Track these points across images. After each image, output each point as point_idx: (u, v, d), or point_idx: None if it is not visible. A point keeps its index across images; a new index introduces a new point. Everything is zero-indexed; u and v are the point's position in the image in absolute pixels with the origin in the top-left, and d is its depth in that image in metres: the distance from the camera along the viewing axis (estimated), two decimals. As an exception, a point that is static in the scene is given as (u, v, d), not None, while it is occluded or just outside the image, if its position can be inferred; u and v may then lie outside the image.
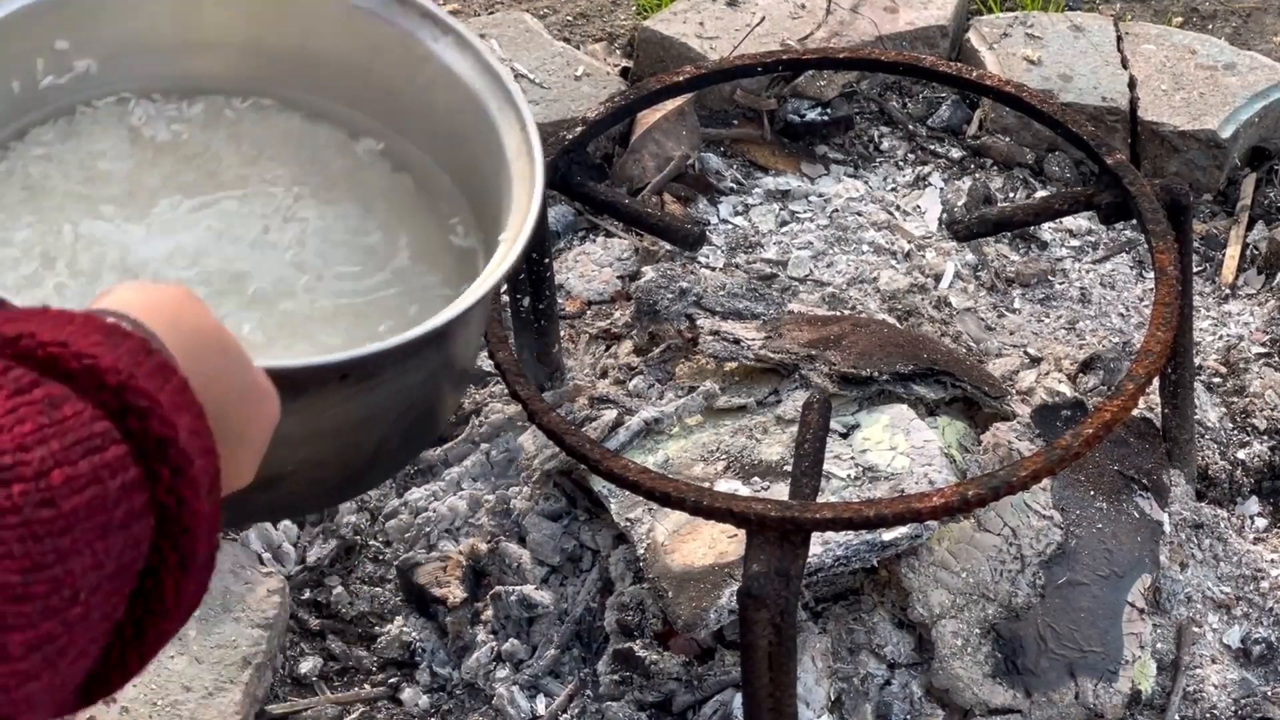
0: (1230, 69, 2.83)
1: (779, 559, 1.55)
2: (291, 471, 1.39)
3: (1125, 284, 2.59)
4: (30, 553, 0.72)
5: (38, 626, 0.73)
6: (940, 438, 2.08)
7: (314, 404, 1.33)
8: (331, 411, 1.37)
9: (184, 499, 0.81)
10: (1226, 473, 2.28)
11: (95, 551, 0.76)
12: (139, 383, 0.81)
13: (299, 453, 1.37)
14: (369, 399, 1.38)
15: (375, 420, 1.42)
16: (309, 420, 1.34)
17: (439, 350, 1.41)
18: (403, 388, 1.40)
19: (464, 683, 2.12)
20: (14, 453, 0.74)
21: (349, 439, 1.42)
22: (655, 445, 2.13)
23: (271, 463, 1.23)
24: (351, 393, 1.36)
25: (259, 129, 1.62)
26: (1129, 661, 1.98)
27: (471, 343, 1.49)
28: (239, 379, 1.01)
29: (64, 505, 0.75)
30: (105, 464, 0.77)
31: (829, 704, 1.95)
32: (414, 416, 1.46)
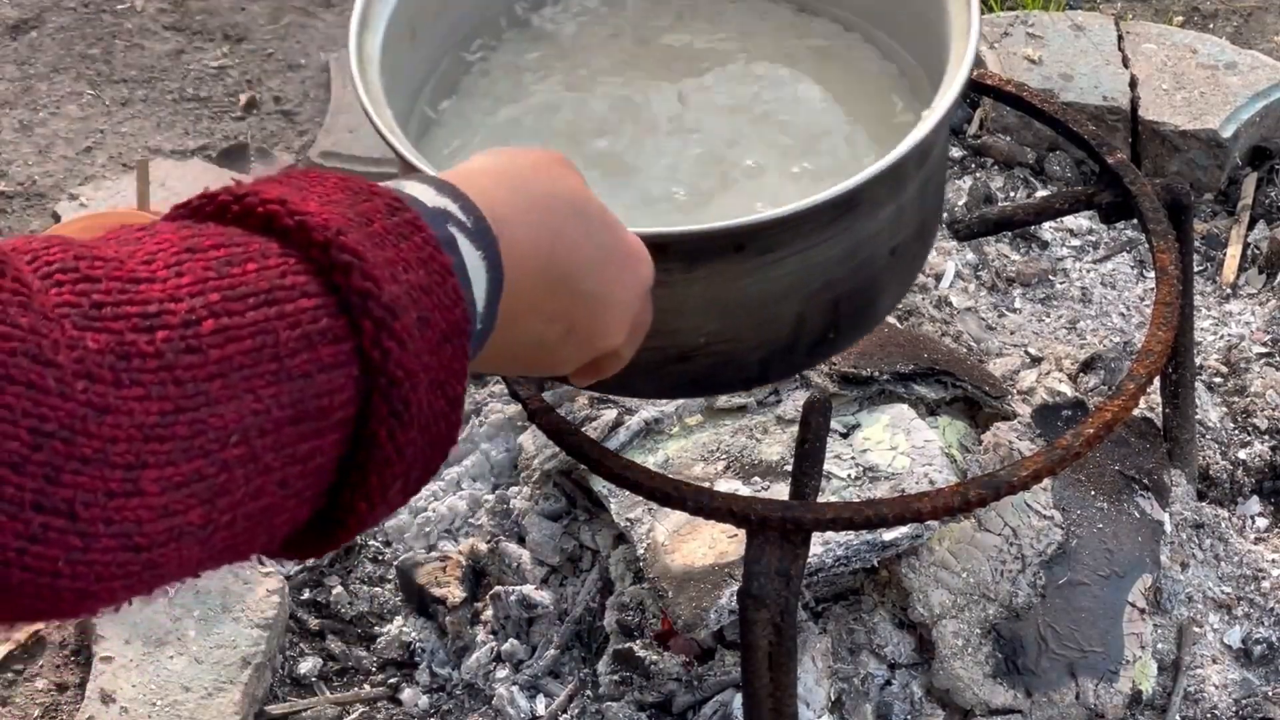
0: (1231, 68, 2.83)
1: (779, 559, 1.55)
2: (704, 344, 1.44)
3: (1126, 283, 2.59)
4: (170, 395, 0.76)
5: (178, 465, 0.76)
6: (941, 437, 2.08)
7: (715, 275, 1.38)
8: (736, 284, 1.40)
9: (388, 351, 0.84)
10: (1227, 472, 2.28)
11: (260, 397, 0.80)
12: (345, 239, 0.85)
13: (708, 324, 1.43)
14: (774, 272, 1.40)
15: (787, 295, 1.43)
16: (711, 291, 1.40)
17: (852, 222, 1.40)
18: (815, 262, 1.41)
19: (464, 683, 2.12)
20: (162, 302, 0.78)
21: (760, 314, 1.45)
22: (655, 445, 2.13)
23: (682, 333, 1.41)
24: (753, 265, 1.38)
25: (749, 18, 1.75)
26: (1130, 661, 1.98)
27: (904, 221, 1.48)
28: (598, 238, 1.10)
29: (212, 353, 0.78)
30: (283, 314, 0.82)
31: (829, 704, 1.95)
32: (837, 295, 1.47)
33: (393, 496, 0.90)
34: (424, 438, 0.89)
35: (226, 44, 3.18)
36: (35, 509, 0.71)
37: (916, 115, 1.53)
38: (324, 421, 0.84)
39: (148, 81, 3.10)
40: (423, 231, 0.90)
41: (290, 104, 3.05)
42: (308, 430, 0.83)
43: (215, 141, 2.96)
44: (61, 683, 2.15)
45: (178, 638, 2.07)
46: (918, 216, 1.52)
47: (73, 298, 0.76)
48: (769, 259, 1.39)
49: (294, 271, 0.84)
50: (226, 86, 3.09)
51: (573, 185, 1.11)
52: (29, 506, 0.71)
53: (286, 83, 3.10)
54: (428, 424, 0.89)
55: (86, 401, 0.73)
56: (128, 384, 0.75)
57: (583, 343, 1.15)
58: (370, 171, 2.77)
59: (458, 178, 1.02)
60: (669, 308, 1.37)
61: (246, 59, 3.15)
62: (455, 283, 0.91)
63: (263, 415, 0.80)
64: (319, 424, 0.83)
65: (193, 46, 3.17)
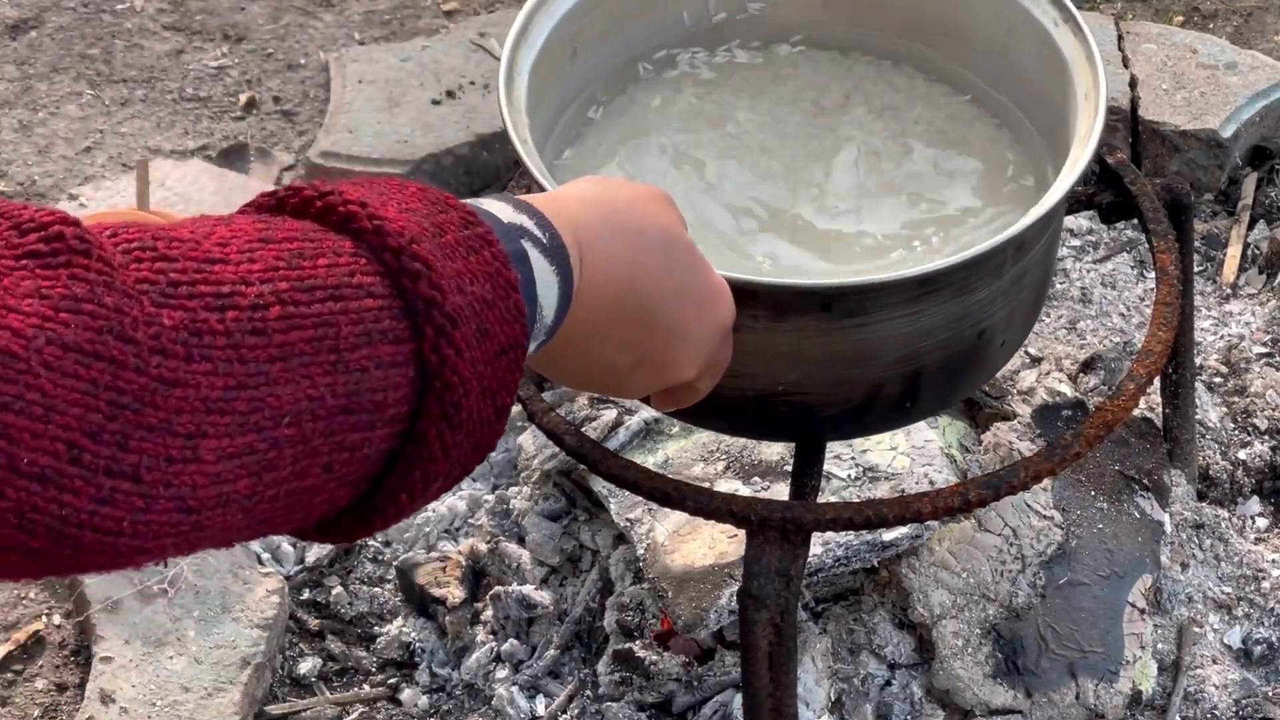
0: (1231, 68, 2.82)
1: (779, 559, 1.54)
2: (781, 392, 1.50)
3: (1126, 283, 2.58)
4: (234, 372, 0.81)
5: (234, 438, 0.81)
6: (941, 438, 2.08)
7: (800, 329, 1.44)
8: (819, 341, 1.45)
9: (445, 358, 0.89)
10: (1227, 473, 2.27)
11: (316, 384, 0.85)
12: (418, 248, 0.89)
13: (788, 374, 1.48)
14: (857, 336, 1.45)
15: (868, 360, 1.48)
16: (795, 344, 1.45)
17: (940, 301, 1.45)
18: (899, 333, 1.46)
19: (463, 683, 2.11)
20: (234, 284, 0.83)
21: (839, 374, 1.50)
22: (655, 445, 2.13)
23: (761, 378, 1.47)
24: (838, 325, 1.44)
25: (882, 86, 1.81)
26: (1130, 662, 1.98)
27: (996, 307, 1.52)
28: (681, 276, 1.16)
29: (276, 337, 0.83)
30: (347, 310, 0.86)
31: (829, 704, 1.95)
32: (917, 368, 1.51)
33: (432, 492, 0.94)
34: (470, 441, 0.93)
35: (226, 44, 3.18)
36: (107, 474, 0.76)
37: None
38: (376, 415, 0.88)
39: (147, 81, 3.10)
40: (493, 246, 0.95)
41: (290, 104, 3.05)
42: (359, 421, 0.87)
43: (215, 141, 2.96)
44: (61, 683, 2.15)
45: (177, 638, 2.07)
46: (1011, 304, 1.55)
47: (151, 274, 0.80)
48: (853, 322, 1.44)
49: (364, 272, 0.88)
50: (226, 86, 3.09)
51: (664, 222, 1.16)
52: (102, 472, 0.76)
53: (286, 83, 3.09)
54: (474, 428, 0.93)
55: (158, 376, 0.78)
56: (198, 359, 0.80)
57: (653, 373, 1.21)
58: (370, 171, 2.77)
59: (545, 199, 1.08)
60: (753, 352, 1.45)
61: (246, 59, 3.15)
62: (518, 299, 0.95)
63: (317, 401, 0.85)
64: (371, 416, 0.88)
65: (192, 46, 3.17)
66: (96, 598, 2.11)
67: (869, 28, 1.81)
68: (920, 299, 1.44)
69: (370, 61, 3.00)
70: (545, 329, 1.04)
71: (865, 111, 1.77)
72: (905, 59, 1.81)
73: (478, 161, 2.82)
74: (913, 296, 1.43)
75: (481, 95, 2.90)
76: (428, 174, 2.79)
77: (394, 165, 2.78)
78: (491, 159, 2.84)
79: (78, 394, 0.75)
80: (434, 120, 2.86)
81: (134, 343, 0.77)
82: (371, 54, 3.03)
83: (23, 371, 0.74)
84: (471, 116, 2.86)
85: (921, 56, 1.80)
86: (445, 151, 2.81)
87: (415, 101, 2.90)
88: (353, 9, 3.25)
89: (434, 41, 3.05)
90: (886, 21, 1.79)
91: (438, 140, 2.82)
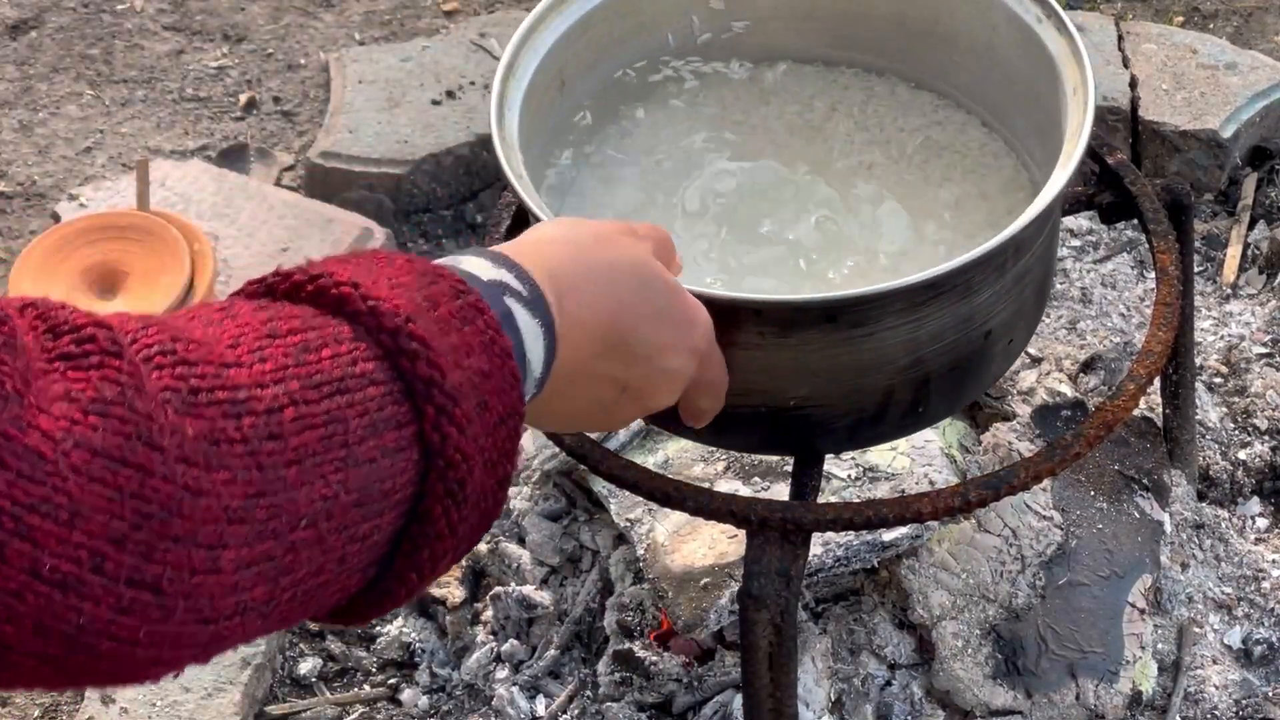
0: (1231, 68, 2.82)
1: (779, 559, 1.54)
2: (793, 407, 1.51)
3: (1126, 284, 2.58)
4: (253, 480, 0.80)
5: (253, 546, 0.80)
6: (941, 438, 2.08)
7: (807, 343, 1.45)
8: (827, 353, 1.46)
9: (447, 436, 0.89)
10: (1227, 473, 2.27)
11: (329, 482, 0.84)
12: (415, 327, 0.89)
13: (799, 389, 1.49)
14: (865, 345, 1.46)
15: (877, 368, 1.49)
16: (803, 358, 1.46)
17: (945, 305, 1.46)
18: (906, 339, 1.47)
19: (464, 683, 2.11)
20: (250, 388, 0.82)
21: (849, 384, 1.51)
22: (655, 445, 2.13)
23: (772, 394, 1.49)
24: (844, 336, 1.44)
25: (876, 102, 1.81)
26: (1130, 662, 1.98)
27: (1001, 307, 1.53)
28: (657, 303, 1.18)
29: (292, 440, 0.82)
30: (353, 403, 0.86)
31: (829, 704, 1.95)
32: (927, 372, 1.52)
33: (441, 568, 0.94)
34: (475, 514, 0.93)
35: (226, 44, 3.18)
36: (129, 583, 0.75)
37: None
38: (385, 502, 0.88)
39: (147, 82, 3.10)
40: (485, 315, 0.95)
41: (290, 104, 3.05)
42: (370, 511, 0.87)
43: (215, 142, 2.96)
44: (61, 683, 2.14)
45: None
46: (1015, 303, 1.55)
47: (173, 382, 0.79)
48: (860, 332, 1.44)
49: (363, 358, 0.88)
50: (226, 87, 3.09)
51: (634, 254, 1.18)
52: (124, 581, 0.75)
53: (286, 83, 3.09)
54: (479, 501, 0.93)
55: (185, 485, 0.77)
56: (217, 467, 0.79)
57: (636, 402, 1.22)
58: (370, 172, 2.77)
59: (518, 248, 1.09)
60: (762, 369, 1.47)
61: (246, 59, 3.15)
62: (513, 366, 0.95)
63: (331, 500, 0.84)
64: (380, 505, 0.87)
65: (192, 47, 3.17)
66: (96, 598, 2.11)
67: (853, 39, 1.81)
68: (925, 304, 1.44)
69: (370, 62, 3.00)
70: (535, 382, 1.04)
71: (853, 124, 1.77)
72: (891, 70, 1.81)
73: (478, 161, 2.82)
74: (917, 302, 1.44)
75: (481, 95, 2.90)
76: (428, 174, 2.79)
77: (394, 165, 2.78)
78: (492, 159, 2.82)
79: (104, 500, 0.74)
80: (434, 120, 2.86)
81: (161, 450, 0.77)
82: (372, 54, 3.03)
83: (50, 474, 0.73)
84: (471, 117, 2.86)
85: (908, 66, 1.80)
86: (445, 151, 2.81)
87: (415, 102, 2.90)
88: (353, 9, 3.25)
89: (434, 42, 3.05)
90: (871, 32, 1.79)
91: (438, 140, 2.82)
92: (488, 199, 2.82)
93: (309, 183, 2.82)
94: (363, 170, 2.78)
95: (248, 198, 2.70)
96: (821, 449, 1.63)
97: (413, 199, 2.80)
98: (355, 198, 2.76)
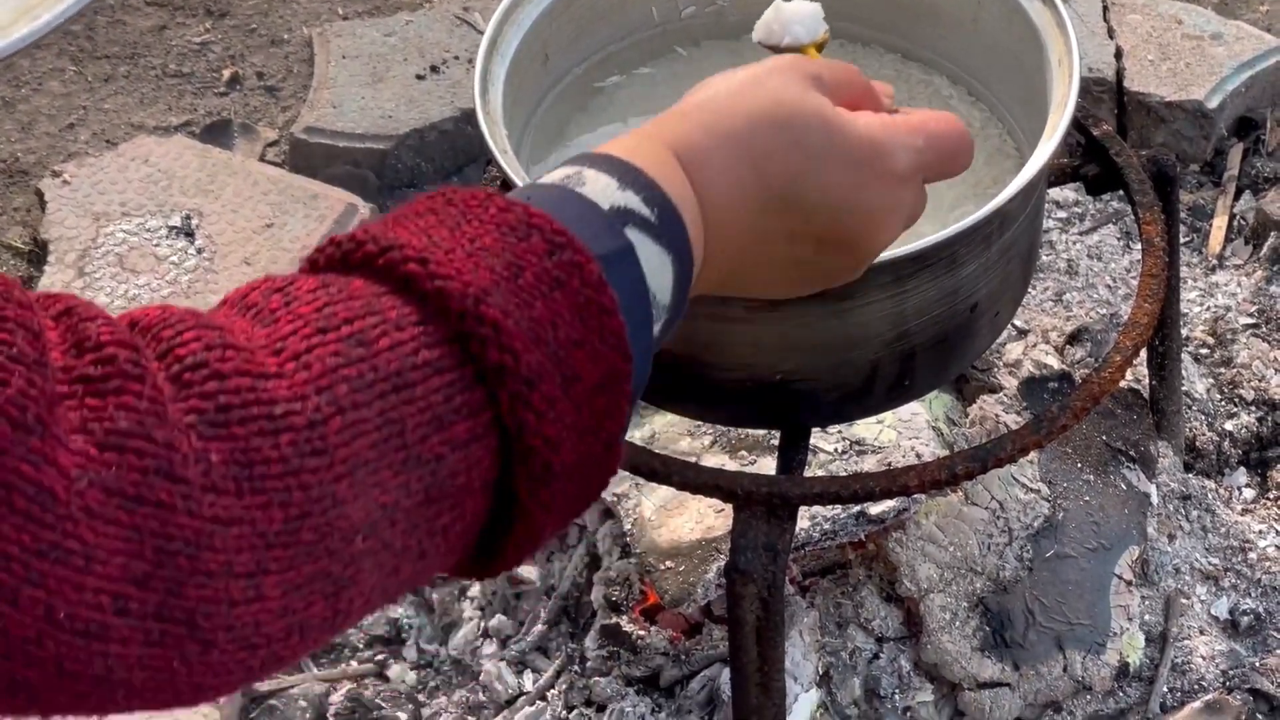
0: (1217, 39, 2.82)
1: (766, 534, 1.54)
2: (780, 381, 1.50)
3: (1112, 255, 2.58)
4: (294, 501, 0.75)
5: (299, 569, 0.75)
6: (927, 411, 2.08)
7: (793, 317, 1.43)
8: (813, 327, 1.46)
9: (524, 423, 0.83)
10: (1214, 444, 2.27)
11: (387, 489, 0.78)
12: (486, 307, 0.82)
13: (785, 363, 1.49)
14: (851, 319, 1.45)
15: (863, 342, 1.49)
16: (789, 331, 1.45)
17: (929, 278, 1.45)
18: (891, 313, 1.46)
19: (451, 659, 2.11)
20: (288, 401, 0.76)
21: (835, 358, 1.50)
22: (641, 420, 2.12)
23: (758, 368, 1.48)
24: (830, 310, 1.43)
25: None
26: (1117, 634, 1.98)
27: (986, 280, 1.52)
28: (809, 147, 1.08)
29: (339, 453, 0.77)
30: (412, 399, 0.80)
31: (817, 678, 1.95)
32: (913, 345, 1.52)
33: (545, 537, 0.89)
34: (572, 487, 0.88)
35: (209, 19, 3.17)
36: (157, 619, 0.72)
37: None
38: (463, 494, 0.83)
39: (130, 58, 3.08)
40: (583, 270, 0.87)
41: (273, 79, 3.03)
42: (444, 507, 0.82)
43: (198, 118, 2.95)
44: (48, 661, 2.14)
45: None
46: (1000, 276, 1.54)
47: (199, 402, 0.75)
48: (846, 306, 1.43)
49: (428, 345, 0.81)
50: (209, 62, 3.08)
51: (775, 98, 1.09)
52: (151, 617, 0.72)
53: (270, 58, 3.08)
54: (574, 474, 0.87)
55: (213, 517, 0.73)
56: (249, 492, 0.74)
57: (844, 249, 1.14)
58: (355, 147, 2.76)
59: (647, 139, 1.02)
60: (748, 343, 1.47)
61: (229, 34, 3.13)
62: (615, 323, 0.88)
63: (391, 508, 0.79)
64: (457, 499, 0.82)
65: (175, 22, 3.16)
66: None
67: (840, 11, 1.81)
68: (911, 277, 1.44)
69: (354, 37, 2.98)
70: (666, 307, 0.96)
71: None
72: (878, 41, 1.80)
73: (462, 136, 2.81)
74: (903, 275, 1.43)
75: (465, 70, 2.89)
76: (412, 149, 2.78)
77: (378, 140, 2.77)
78: (476, 133, 2.82)
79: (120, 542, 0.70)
80: (418, 95, 2.85)
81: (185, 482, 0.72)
82: (355, 29, 3.02)
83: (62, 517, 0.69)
84: (455, 91, 2.85)
85: (894, 37, 1.80)
86: (430, 126, 2.80)
87: (399, 77, 2.89)
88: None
89: (417, 16, 3.04)
90: (857, 4, 1.79)
91: (422, 115, 2.81)
92: (473, 173, 2.81)
93: (293, 158, 2.81)
94: (347, 145, 2.77)
95: (231, 174, 2.69)
96: (808, 423, 1.62)
97: (397, 174, 2.80)
98: (339, 173, 2.76)
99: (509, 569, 0.91)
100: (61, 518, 0.69)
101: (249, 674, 0.77)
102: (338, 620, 0.79)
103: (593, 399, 0.86)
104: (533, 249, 0.86)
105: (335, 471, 0.76)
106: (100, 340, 0.74)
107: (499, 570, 0.90)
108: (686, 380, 1.57)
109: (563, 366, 0.84)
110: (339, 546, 0.77)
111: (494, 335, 0.82)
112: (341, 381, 0.78)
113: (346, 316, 0.81)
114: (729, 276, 1.08)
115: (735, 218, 1.04)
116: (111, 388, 0.73)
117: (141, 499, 0.71)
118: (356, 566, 0.78)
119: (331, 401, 0.77)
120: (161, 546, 0.71)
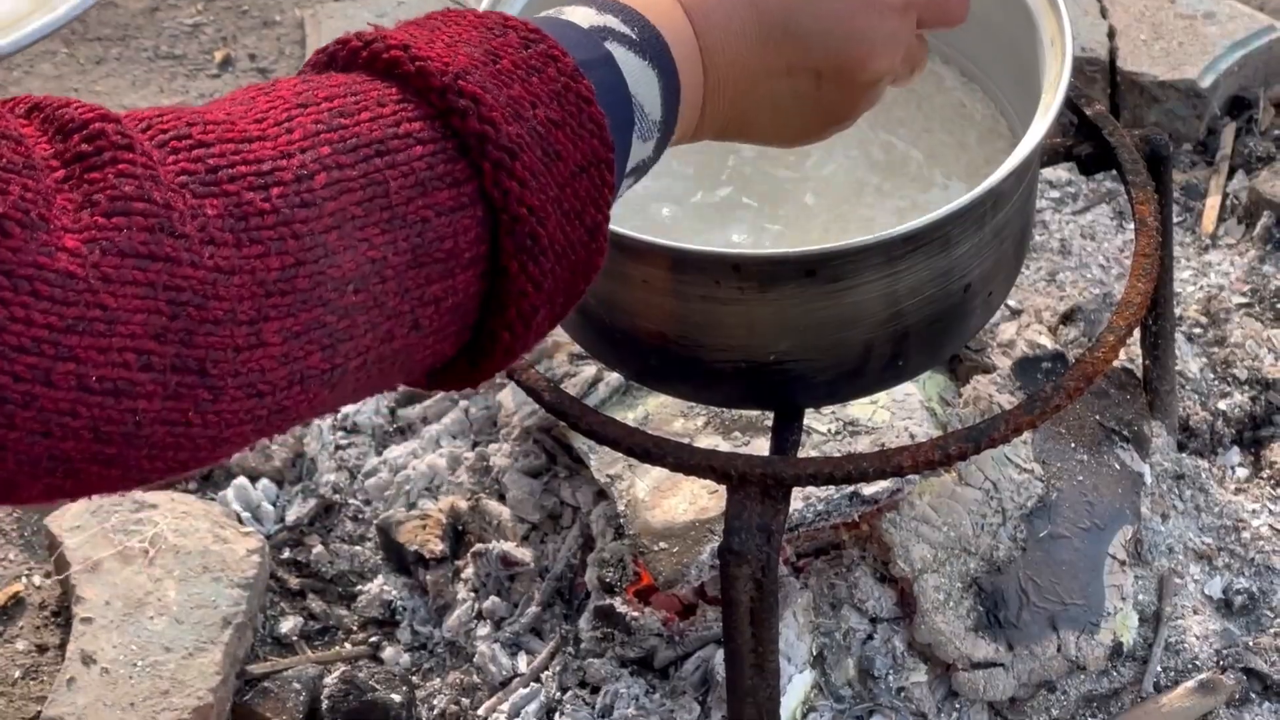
0: (1210, 18, 2.82)
1: (760, 514, 1.54)
2: (773, 361, 1.50)
3: (1105, 235, 2.58)
4: (289, 249, 0.80)
5: (297, 315, 0.80)
6: (921, 391, 2.07)
7: (786, 298, 1.44)
8: (806, 308, 1.46)
9: (508, 191, 0.87)
10: (1207, 423, 2.28)
11: (374, 245, 0.83)
12: (465, 83, 0.87)
13: (778, 344, 1.49)
14: (844, 300, 1.46)
15: (856, 322, 1.49)
16: (782, 312, 1.46)
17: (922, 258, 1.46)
18: (884, 293, 1.47)
19: (445, 641, 2.11)
20: (274, 160, 0.81)
21: (828, 338, 1.51)
22: (635, 401, 2.12)
23: (752, 349, 1.49)
24: (823, 291, 1.44)
25: None
26: (1110, 613, 1.98)
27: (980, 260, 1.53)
28: None
29: (327, 205, 0.82)
30: (394, 164, 0.84)
31: (811, 659, 1.95)
32: (906, 326, 1.52)
33: (538, 324, 0.93)
34: (562, 267, 0.91)
35: (201, 1, 3.16)
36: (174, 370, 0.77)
37: None
38: (452, 262, 0.87)
39: (122, 39, 3.08)
40: (558, 61, 0.92)
41: (265, 61, 3.03)
42: (434, 272, 0.86)
43: (190, 99, 2.94)
44: (42, 644, 2.14)
45: (158, 598, 2.07)
46: (994, 256, 1.54)
47: (189, 164, 0.79)
48: (838, 286, 1.44)
49: (409, 119, 0.86)
50: (201, 44, 3.07)
51: None
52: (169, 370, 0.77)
53: (262, 40, 3.08)
54: (564, 253, 0.91)
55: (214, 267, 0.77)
56: (248, 243, 0.79)
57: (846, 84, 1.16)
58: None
59: None
60: (742, 323, 1.47)
61: (221, 16, 3.13)
62: (594, 111, 0.92)
63: (380, 262, 0.83)
64: (446, 265, 0.86)
65: (167, 4, 3.15)
66: (76, 559, 2.11)
67: None
68: (904, 257, 1.44)
69: (345, 18, 2.98)
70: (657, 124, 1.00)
71: None
72: None
73: (455, 117, 2.81)
74: (896, 256, 1.43)
75: (458, 51, 2.88)
76: (404, 130, 2.77)
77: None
78: (468, 115, 2.82)
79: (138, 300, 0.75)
80: (410, 76, 2.84)
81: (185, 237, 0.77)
82: (346, 10, 3.01)
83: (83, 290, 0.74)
84: (448, 72, 2.84)
85: None
86: (422, 108, 2.79)
87: (391, 57, 2.88)
88: None
89: (409, -3, 3.04)
90: None
91: (414, 96, 2.81)
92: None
93: (285, 140, 2.80)
94: (339, 127, 2.77)
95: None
96: (801, 403, 1.62)
97: (390, 155, 2.79)
98: (332, 155, 2.75)
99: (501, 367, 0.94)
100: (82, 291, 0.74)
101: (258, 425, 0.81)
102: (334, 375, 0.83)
103: (575, 180, 0.91)
104: (509, 42, 0.92)
105: (324, 223, 0.81)
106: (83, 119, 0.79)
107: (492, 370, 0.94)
108: (680, 361, 1.57)
109: (543, 142, 0.89)
110: (332, 296, 0.81)
111: (473, 107, 0.87)
112: (324, 144, 0.83)
113: (327, 95, 0.86)
114: (733, 120, 1.10)
115: (735, 53, 1.07)
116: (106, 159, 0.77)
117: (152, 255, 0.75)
118: (350, 320, 0.83)
119: (316, 159, 0.82)
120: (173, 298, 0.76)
